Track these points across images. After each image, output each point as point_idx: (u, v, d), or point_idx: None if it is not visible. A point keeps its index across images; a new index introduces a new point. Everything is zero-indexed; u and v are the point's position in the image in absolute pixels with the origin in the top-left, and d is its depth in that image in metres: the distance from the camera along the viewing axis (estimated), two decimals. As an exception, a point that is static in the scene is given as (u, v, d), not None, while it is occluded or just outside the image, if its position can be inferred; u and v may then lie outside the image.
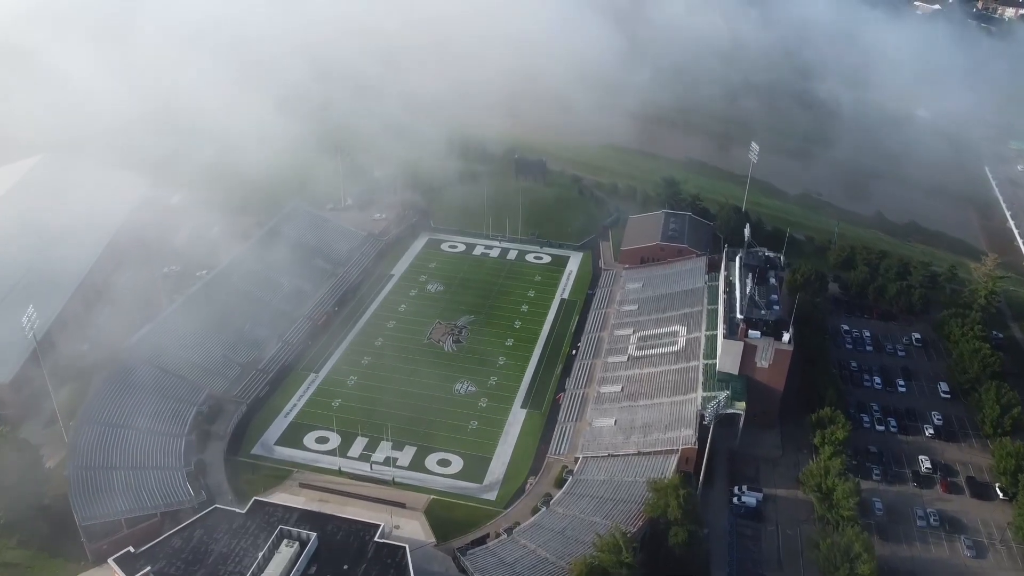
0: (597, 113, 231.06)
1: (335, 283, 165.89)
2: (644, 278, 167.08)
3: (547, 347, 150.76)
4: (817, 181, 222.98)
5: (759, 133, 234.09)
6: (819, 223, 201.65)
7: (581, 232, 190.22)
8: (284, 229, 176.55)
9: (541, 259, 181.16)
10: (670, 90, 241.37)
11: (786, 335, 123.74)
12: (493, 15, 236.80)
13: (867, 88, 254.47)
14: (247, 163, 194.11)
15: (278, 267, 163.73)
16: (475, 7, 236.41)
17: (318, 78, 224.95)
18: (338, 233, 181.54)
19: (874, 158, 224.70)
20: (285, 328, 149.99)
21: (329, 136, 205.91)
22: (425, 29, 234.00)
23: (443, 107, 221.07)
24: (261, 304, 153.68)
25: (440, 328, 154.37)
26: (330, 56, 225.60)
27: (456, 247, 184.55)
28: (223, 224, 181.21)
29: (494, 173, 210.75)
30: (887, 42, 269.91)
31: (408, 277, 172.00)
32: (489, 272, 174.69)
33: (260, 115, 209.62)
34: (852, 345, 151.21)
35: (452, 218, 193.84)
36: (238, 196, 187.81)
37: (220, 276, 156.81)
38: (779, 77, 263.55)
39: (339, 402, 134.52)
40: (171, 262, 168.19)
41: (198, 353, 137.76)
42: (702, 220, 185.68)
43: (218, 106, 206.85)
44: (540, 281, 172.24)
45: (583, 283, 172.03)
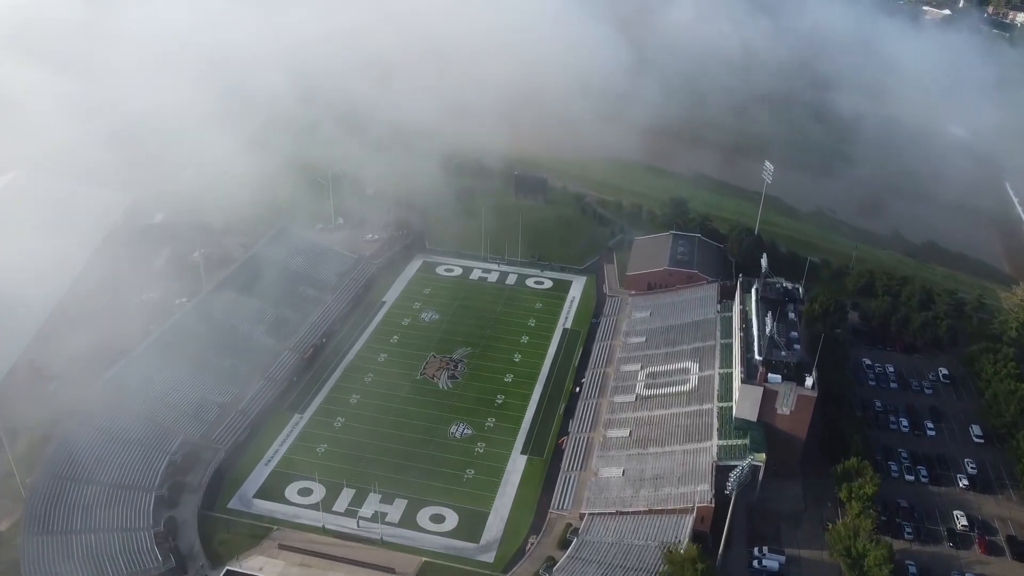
0: (600, 126, 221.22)
1: (323, 312, 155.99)
2: (651, 306, 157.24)
3: (549, 384, 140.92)
4: (831, 198, 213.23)
5: (770, 147, 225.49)
6: (835, 244, 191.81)
7: (584, 254, 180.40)
8: (270, 253, 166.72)
9: (542, 284, 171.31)
10: (677, 101, 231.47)
11: (809, 379, 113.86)
12: (492, 27, 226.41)
13: (885, 101, 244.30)
14: (234, 180, 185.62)
15: (262, 295, 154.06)
16: (472, 19, 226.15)
17: (309, 93, 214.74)
18: (327, 256, 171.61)
19: (891, 174, 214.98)
20: (268, 363, 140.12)
21: (320, 153, 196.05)
22: (420, 44, 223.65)
23: (439, 121, 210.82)
24: (243, 337, 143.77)
25: (435, 362, 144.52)
26: (321, 71, 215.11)
27: (452, 270, 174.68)
28: (207, 245, 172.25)
29: (493, 190, 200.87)
30: (905, 53, 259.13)
31: (401, 304, 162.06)
32: (487, 298, 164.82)
33: (249, 130, 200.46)
34: (875, 382, 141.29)
35: (448, 238, 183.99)
36: (224, 215, 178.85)
37: (200, 306, 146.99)
38: (792, 89, 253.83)
39: (324, 447, 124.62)
40: (149, 288, 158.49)
41: (173, 393, 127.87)
42: (712, 242, 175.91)
43: (203, 121, 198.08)
44: (541, 309, 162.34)
45: (586, 311, 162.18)
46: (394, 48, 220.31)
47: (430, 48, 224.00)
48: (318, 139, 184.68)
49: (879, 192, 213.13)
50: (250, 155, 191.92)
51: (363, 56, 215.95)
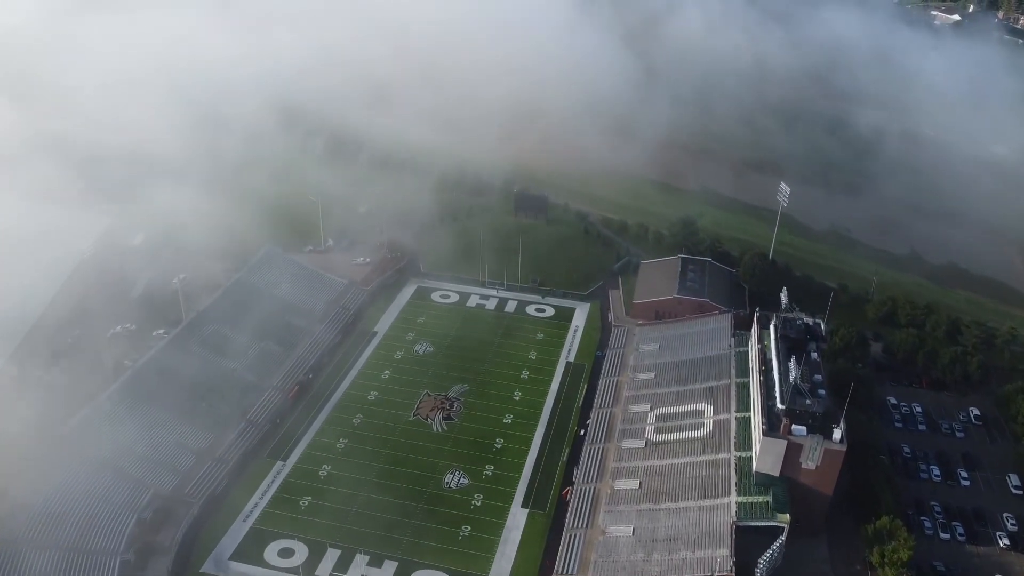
0: (604, 139, 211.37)
1: (310, 344, 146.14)
2: (661, 338, 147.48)
3: (551, 425, 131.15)
4: (845, 215, 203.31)
5: (783, 162, 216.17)
6: (851, 266, 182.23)
7: (587, 279, 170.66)
8: (254, 279, 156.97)
9: (543, 311, 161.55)
10: (685, 114, 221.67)
11: (837, 431, 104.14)
12: (492, 36, 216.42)
13: (904, 114, 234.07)
14: (221, 197, 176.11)
15: (245, 327, 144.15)
16: (470, 29, 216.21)
17: (300, 107, 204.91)
18: (316, 282, 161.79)
19: (908, 191, 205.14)
20: (250, 403, 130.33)
21: (311, 170, 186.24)
22: (417, 58, 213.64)
23: (436, 135, 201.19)
24: (223, 374, 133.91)
25: (429, 401, 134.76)
26: (313, 86, 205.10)
27: (448, 297, 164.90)
28: (189, 270, 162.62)
29: (491, 208, 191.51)
30: (924, 63, 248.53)
31: (394, 336, 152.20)
32: (485, 328, 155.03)
33: (237, 146, 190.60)
34: (902, 423, 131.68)
35: (444, 261, 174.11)
36: (209, 236, 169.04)
37: (177, 340, 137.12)
38: (805, 101, 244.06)
39: (308, 500, 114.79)
40: (124, 319, 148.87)
41: (145, 440, 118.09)
42: (723, 267, 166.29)
43: (190, 135, 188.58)
44: (543, 340, 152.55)
45: (591, 342, 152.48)
46: (388, 60, 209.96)
47: (426, 60, 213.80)
48: (309, 156, 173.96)
49: (895, 210, 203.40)
50: (235, 173, 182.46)
51: (354, 70, 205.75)
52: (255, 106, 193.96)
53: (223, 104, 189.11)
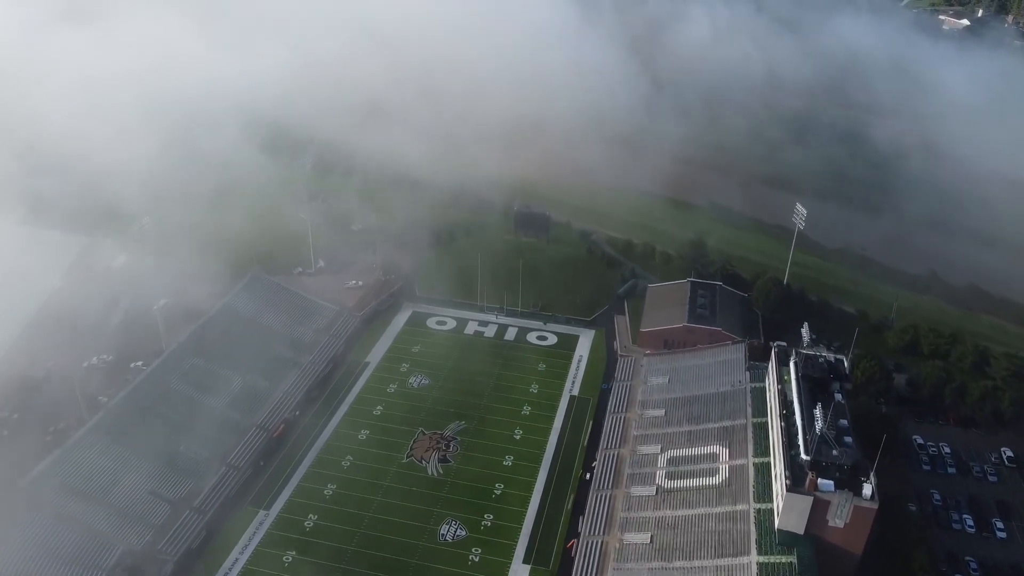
0: (607, 152, 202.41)
1: (298, 377, 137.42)
2: (670, 370, 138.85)
3: (554, 468, 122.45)
4: (860, 233, 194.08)
5: (794, 176, 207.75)
6: (868, 288, 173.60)
7: (591, 304, 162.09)
8: (239, 305, 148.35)
9: (545, 339, 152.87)
10: (692, 127, 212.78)
11: (867, 486, 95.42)
12: (492, 46, 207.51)
13: (922, 126, 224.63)
14: (206, 217, 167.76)
15: (229, 359, 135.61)
16: (469, 40, 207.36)
17: (291, 122, 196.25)
18: (305, 309, 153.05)
19: (927, 207, 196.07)
20: (232, 445, 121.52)
21: (302, 187, 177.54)
22: (414, 71, 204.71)
23: (433, 150, 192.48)
24: (204, 412, 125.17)
25: (424, 441, 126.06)
26: (304, 100, 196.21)
27: (445, 323, 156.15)
28: (172, 294, 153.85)
29: (490, 227, 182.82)
30: (943, 73, 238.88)
31: (387, 367, 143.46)
32: (484, 358, 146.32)
33: (223, 163, 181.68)
34: (930, 465, 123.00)
35: (441, 284, 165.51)
36: (194, 258, 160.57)
37: (155, 375, 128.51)
38: (817, 112, 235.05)
39: (292, 556, 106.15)
40: (101, 349, 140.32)
41: (116, 490, 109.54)
42: (735, 292, 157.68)
43: (176, 152, 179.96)
44: (545, 371, 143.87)
45: (596, 373, 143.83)
46: (383, 73, 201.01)
47: (424, 73, 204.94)
48: (298, 172, 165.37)
49: (912, 227, 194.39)
50: (221, 191, 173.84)
51: (348, 84, 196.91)
52: (243, 121, 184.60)
53: (208, 119, 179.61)
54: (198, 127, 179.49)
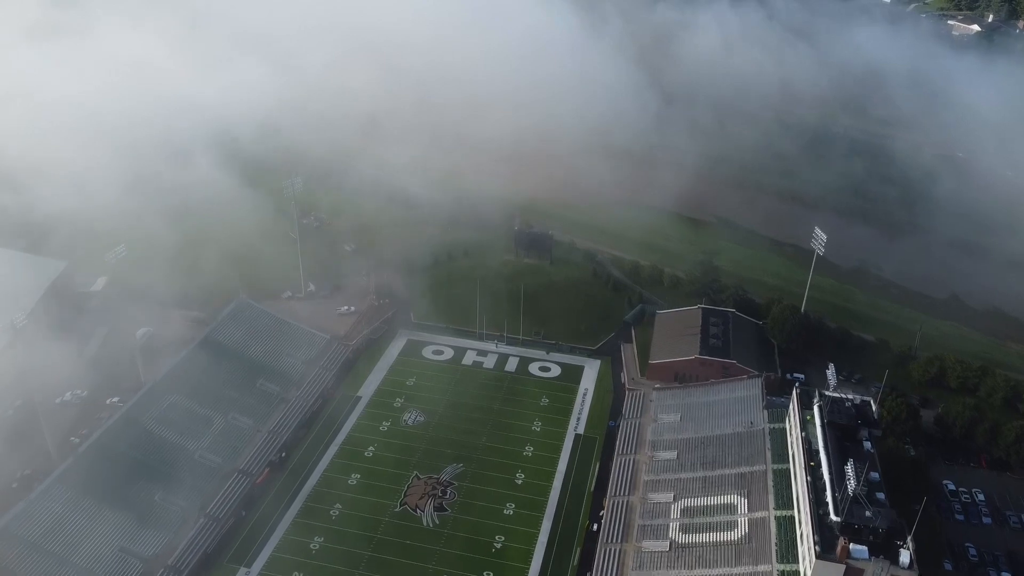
0: (613, 167, 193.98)
1: (284, 414, 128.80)
2: (682, 406, 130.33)
3: (559, 518, 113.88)
4: (876, 251, 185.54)
5: (807, 191, 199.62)
6: (887, 313, 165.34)
7: (597, 331, 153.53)
8: (224, 335, 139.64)
9: (548, 370, 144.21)
10: (702, 141, 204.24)
11: (905, 552, 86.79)
12: (494, 57, 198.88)
13: (941, 139, 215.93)
14: (192, 237, 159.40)
15: (211, 395, 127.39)
16: (469, 50, 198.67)
17: (282, 138, 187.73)
18: (293, 338, 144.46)
19: (947, 225, 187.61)
20: (211, 493, 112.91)
21: (292, 206, 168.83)
22: (410, 82, 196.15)
23: (430, 166, 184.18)
24: (182, 457, 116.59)
25: (419, 487, 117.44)
26: (297, 115, 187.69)
27: (442, 352, 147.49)
28: (153, 321, 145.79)
29: (490, 246, 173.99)
30: (962, 84, 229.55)
31: (380, 402, 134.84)
32: (483, 392, 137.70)
33: (209, 181, 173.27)
34: (963, 515, 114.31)
35: (438, 309, 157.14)
36: (179, 281, 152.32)
37: (131, 414, 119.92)
38: (833, 124, 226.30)
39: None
40: (76, 383, 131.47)
41: (84, 546, 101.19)
42: (749, 319, 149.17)
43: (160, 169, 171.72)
44: (548, 406, 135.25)
45: (602, 408, 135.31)
46: (378, 85, 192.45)
47: (421, 85, 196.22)
48: (288, 192, 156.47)
49: (933, 246, 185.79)
50: (207, 211, 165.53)
51: (342, 99, 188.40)
52: (229, 139, 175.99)
53: (191, 136, 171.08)
54: (181, 144, 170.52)
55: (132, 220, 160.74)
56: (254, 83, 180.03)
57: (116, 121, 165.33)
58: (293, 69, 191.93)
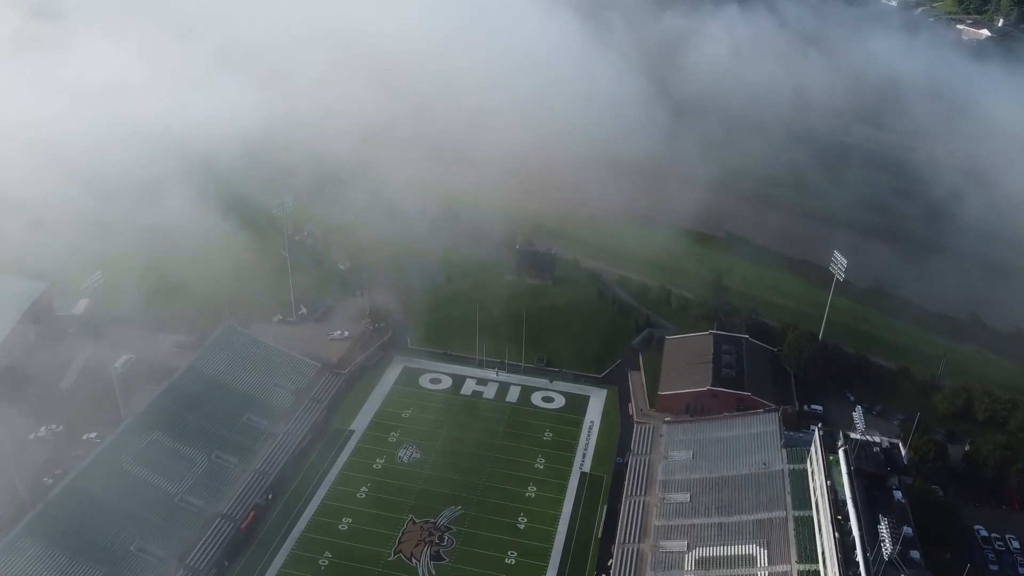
0: (619, 181, 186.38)
1: (272, 451, 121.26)
2: (694, 442, 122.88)
3: (564, 568, 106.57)
4: (890, 269, 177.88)
5: (818, 204, 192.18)
6: (905, 336, 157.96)
7: (602, 357, 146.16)
8: (209, 365, 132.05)
9: (551, 401, 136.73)
10: (713, 154, 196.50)
11: (944, 621, 79.31)
12: (496, 68, 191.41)
13: (962, 151, 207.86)
14: (178, 256, 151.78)
15: (193, 432, 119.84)
16: (471, 61, 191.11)
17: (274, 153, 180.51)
18: (283, 367, 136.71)
19: (968, 241, 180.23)
20: (192, 541, 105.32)
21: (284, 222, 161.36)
22: (407, 98, 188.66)
23: (429, 181, 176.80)
24: (161, 500, 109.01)
25: (414, 532, 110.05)
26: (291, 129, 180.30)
27: (439, 381, 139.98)
28: (136, 347, 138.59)
29: (490, 266, 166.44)
30: (984, 94, 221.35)
31: (373, 437, 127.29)
32: (483, 425, 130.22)
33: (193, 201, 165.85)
34: (998, 565, 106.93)
35: (436, 333, 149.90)
36: (162, 305, 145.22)
37: (109, 451, 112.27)
38: (849, 137, 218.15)
39: None
40: (51, 417, 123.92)
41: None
42: (763, 346, 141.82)
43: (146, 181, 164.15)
44: (551, 441, 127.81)
45: (610, 443, 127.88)
46: (375, 97, 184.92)
47: (418, 96, 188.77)
48: (280, 210, 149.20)
49: (953, 263, 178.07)
50: (194, 229, 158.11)
51: (337, 112, 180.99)
52: (217, 152, 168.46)
53: (182, 148, 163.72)
54: (167, 157, 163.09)
55: (115, 238, 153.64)
56: (243, 97, 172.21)
57: (98, 134, 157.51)
58: (285, 81, 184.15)
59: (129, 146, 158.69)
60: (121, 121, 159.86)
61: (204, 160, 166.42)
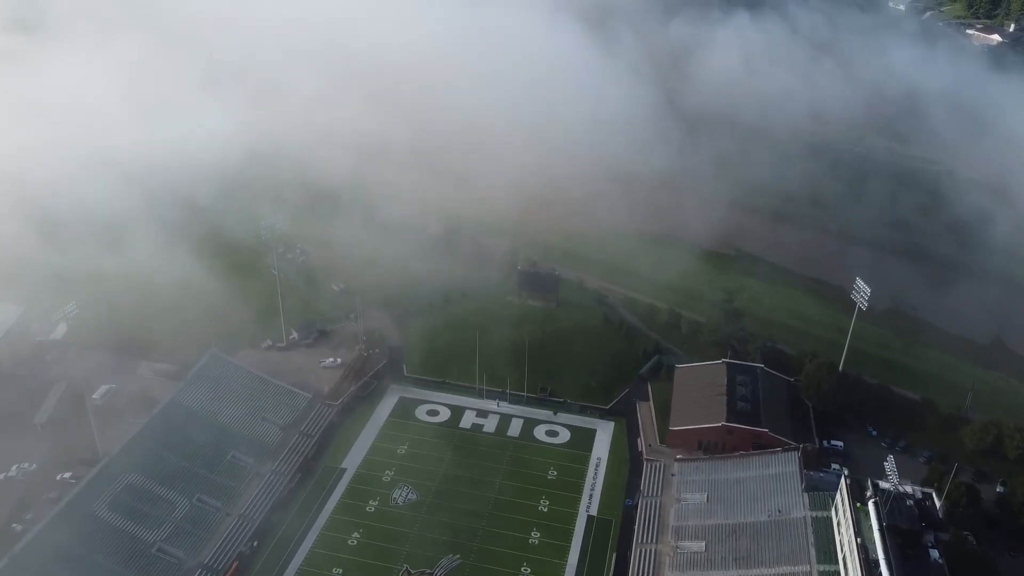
0: (626, 196, 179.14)
1: (258, 493, 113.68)
2: (708, 483, 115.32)
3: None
4: (910, 288, 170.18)
5: (832, 219, 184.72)
6: (927, 363, 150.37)
7: (609, 386, 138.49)
8: (192, 398, 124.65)
9: (556, 435, 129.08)
10: (721, 166, 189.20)
11: None
12: (501, 77, 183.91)
13: (986, 166, 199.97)
14: (162, 277, 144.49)
15: (174, 473, 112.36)
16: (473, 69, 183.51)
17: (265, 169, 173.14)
18: (270, 399, 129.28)
19: (993, 262, 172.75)
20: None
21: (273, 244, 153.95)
22: (406, 112, 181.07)
23: (428, 197, 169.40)
24: (137, 550, 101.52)
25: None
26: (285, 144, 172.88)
27: (437, 413, 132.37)
28: (116, 375, 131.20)
29: (492, 286, 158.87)
30: (1014, 110, 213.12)
31: (367, 476, 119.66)
32: (483, 462, 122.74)
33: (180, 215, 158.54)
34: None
35: (434, 360, 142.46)
36: (144, 329, 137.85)
37: (83, 497, 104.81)
38: (866, 150, 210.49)
39: None
40: (24, 455, 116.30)
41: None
42: (779, 376, 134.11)
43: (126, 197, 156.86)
44: (556, 480, 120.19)
45: (618, 481, 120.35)
46: (373, 111, 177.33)
47: (417, 111, 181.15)
48: (269, 231, 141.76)
49: (976, 284, 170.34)
50: (180, 248, 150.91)
51: (333, 129, 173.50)
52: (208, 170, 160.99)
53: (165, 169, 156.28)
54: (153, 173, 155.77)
55: (95, 259, 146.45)
56: (231, 114, 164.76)
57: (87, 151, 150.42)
58: (280, 97, 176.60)
59: (111, 164, 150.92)
60: (102, 139, 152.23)
61: (191, 178, 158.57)
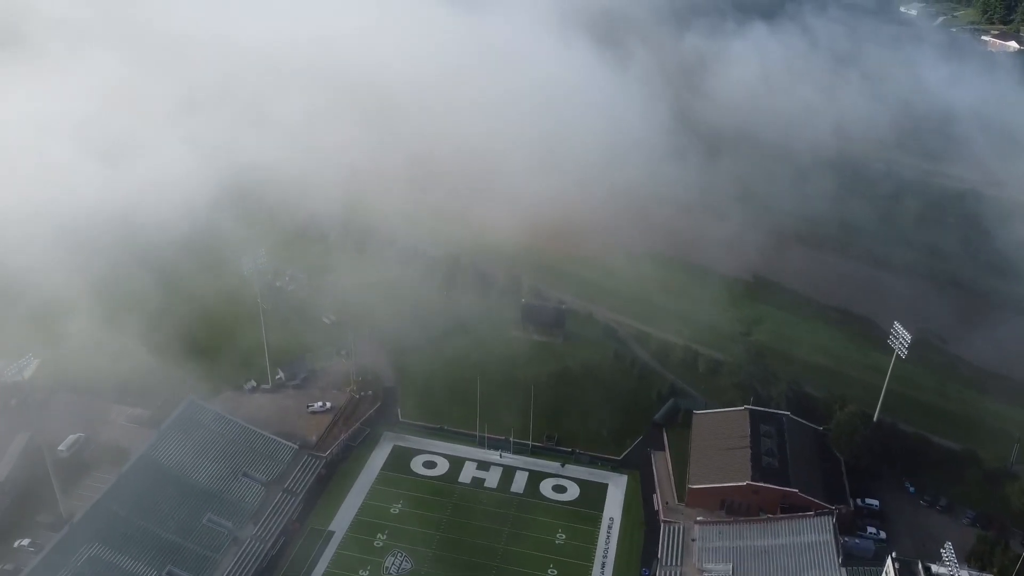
0: (636, 219, 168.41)
1: (236, 563, 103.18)
2: (733, 551, 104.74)
3: None
4: (941, 320, 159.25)
5: (858, 244, 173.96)
6: (966, 406, 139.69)
7: (622, 433, 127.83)
8: (166, 454, 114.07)
9: (564, 491, 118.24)
10: (739, 186, 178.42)
11: None
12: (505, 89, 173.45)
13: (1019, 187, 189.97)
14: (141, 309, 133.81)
15: (143, 541, 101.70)
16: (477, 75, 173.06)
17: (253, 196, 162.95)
18: (253, 451, 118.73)
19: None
20: None
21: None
22: (403, 136, 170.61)
23: (428, 221, 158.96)
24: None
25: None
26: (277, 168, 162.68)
27: (434, 465, 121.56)
28: (86, 422, 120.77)
29: (494, 319, 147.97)
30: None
31: (356, 540, 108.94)
32: (485, 523, 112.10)
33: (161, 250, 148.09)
34: None
35: (431, 403, 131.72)
36: (119, 371, 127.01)
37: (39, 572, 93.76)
38: (896, 169, 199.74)
39: None
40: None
41: None
42: (807, 425, 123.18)
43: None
44: (565, 545, 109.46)
45: (632, 546, 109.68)
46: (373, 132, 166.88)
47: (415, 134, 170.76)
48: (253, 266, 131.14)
49: (1003, 313, 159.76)
50: (155, 284, 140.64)
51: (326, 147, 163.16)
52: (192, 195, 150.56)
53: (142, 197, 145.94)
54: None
55: (67, 292, 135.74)
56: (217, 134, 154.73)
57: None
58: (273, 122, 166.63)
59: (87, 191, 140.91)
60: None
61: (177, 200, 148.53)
